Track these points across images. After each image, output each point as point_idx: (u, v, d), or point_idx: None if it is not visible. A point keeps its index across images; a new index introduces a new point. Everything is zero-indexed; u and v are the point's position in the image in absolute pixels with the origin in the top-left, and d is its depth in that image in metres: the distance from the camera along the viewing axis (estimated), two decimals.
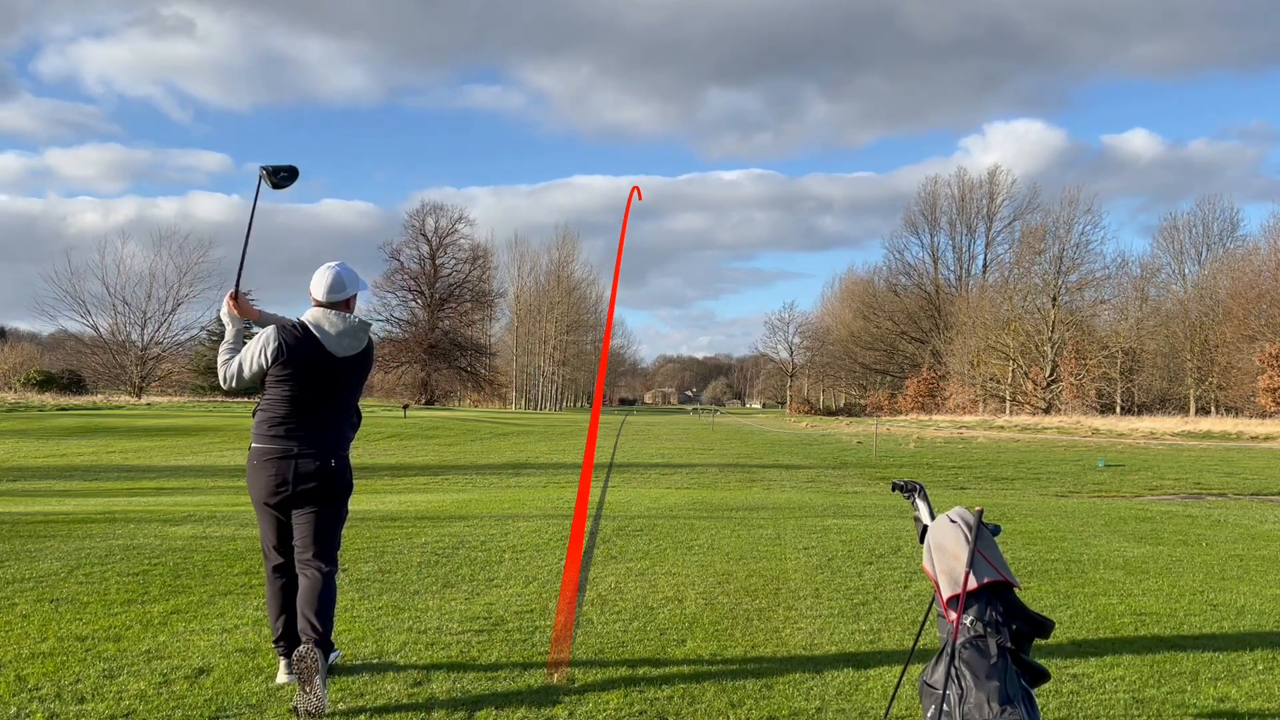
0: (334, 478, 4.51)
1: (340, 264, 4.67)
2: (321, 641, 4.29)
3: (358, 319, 4.59)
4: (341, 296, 4.59)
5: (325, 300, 4.57)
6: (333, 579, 4.51)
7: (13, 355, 79.31)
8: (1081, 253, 74.98)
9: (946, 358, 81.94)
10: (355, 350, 4.57)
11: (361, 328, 4.59)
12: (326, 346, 4.49)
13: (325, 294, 4.57)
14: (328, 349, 4.49)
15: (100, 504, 12.85)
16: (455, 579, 6.90)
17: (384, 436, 36.38)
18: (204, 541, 8.37)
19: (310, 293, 4.61)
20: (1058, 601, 6.55)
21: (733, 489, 18.47)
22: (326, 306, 4.57)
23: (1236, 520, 12.18)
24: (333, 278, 4.59)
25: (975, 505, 4.00)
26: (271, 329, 4.53)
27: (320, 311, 4.55)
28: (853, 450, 34.63)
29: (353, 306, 4.70)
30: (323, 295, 4.57)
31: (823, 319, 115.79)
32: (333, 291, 4.57)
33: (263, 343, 4.48)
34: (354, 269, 4.71)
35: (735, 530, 9.72)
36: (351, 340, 4.55)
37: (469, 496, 15.09)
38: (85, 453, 26.77)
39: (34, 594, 6.11)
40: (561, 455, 29.58)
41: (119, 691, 4.26)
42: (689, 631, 5.55)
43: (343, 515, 4.66)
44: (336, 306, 4.58)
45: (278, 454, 4.46)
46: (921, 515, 4.08)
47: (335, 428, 4.59)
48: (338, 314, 4.55)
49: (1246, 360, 60.73)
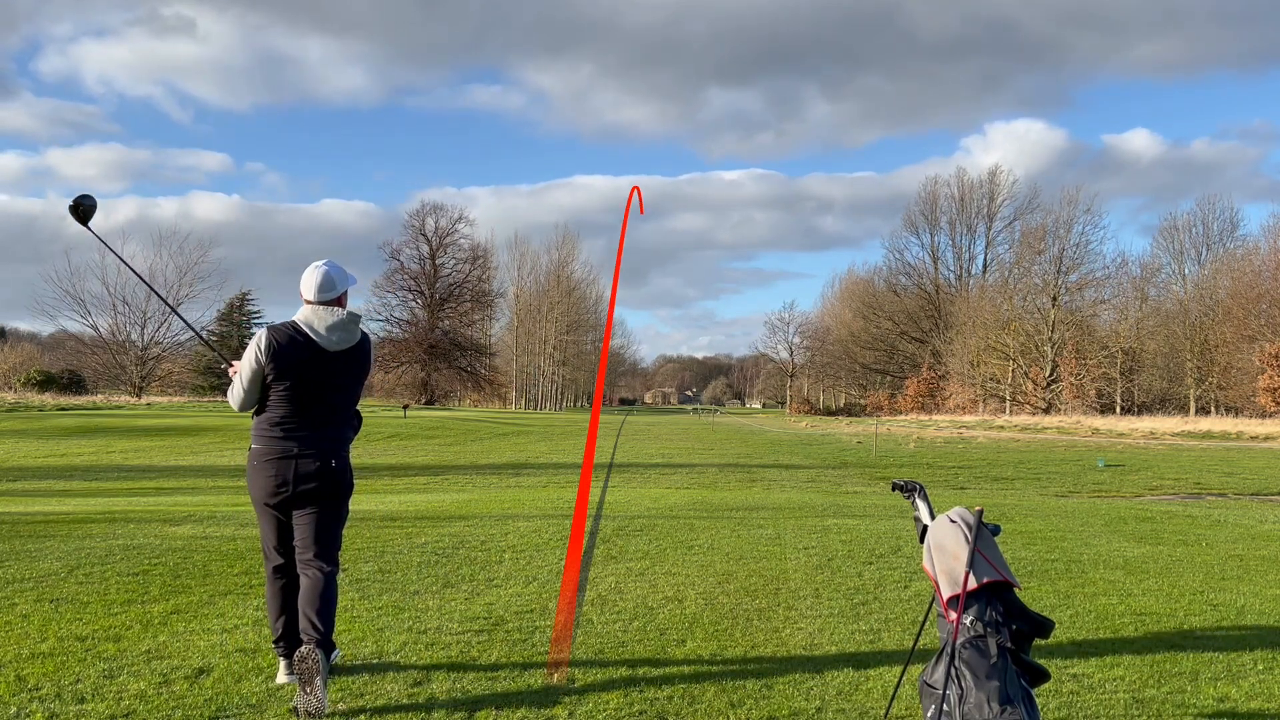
0: (334, 478, 4.51)
1: (328, 262, 4.67)
2: (323, 642, 4.29)
3: (348, 313, 4.59)
4: (332, 295, 4.59)
5: (316, 299, 4.57)
6: (334, 579, 4.51)
7: (13, 355, 79.26)
8: (1081, 253, 75.09)
9: (946, 358, 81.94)
10: (348, 344, 4.55)
11: (352, 321, 4.57)
12: (318, 343, 4.49)
13: (315, 293, 4.57)
14: (319, 345, 4.49)
15: (100, 504, 12.85)
16: (455, 579, 6.90)
17: (384, 436, 36.37)
18: (204, 541, 8.37)
19: (301, 293, 4.60)
20: (1058, 601, 6.55)
21: (733, 489, 18.47)
22: (317, 304, 4.57)
23: (1236, 520, 12.18)
24: (322, 276, 4.58)
25: (975, 505, 4.00)
26: (261, 330, 4.56)
27: (310, 309, 4.55)
28: (853, 450, 34.62)
29: (344, 304, 4.70)
30: (313, 294, 4.57)
31: (823, 319, 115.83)
32: (323, 290, 4.57)
33: (254, 344, 4.50)
34: (342, 266, 4.71)
35: (735, 530, 9.72)
36: (343, 334, 4.53)
37: (469, 496, 15.09)
38: (85, 453, 26.78)
39: (34, 594, 6.11)
40: (561, 455, 29.58)
41: (119, 691, 4.25)
42: (689, 631, 5.55)
43: (343, 515, 4.65)
44: (327, 304, 4.59)
45: (278, 454, 4.46)
46: (921, 515, 4.08)
47: (335, 427, 4.58)
48: (327, 309, 4.55)
49: (1246, 360, 60.73)
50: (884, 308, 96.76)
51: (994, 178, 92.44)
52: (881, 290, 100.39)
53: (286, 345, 4.45)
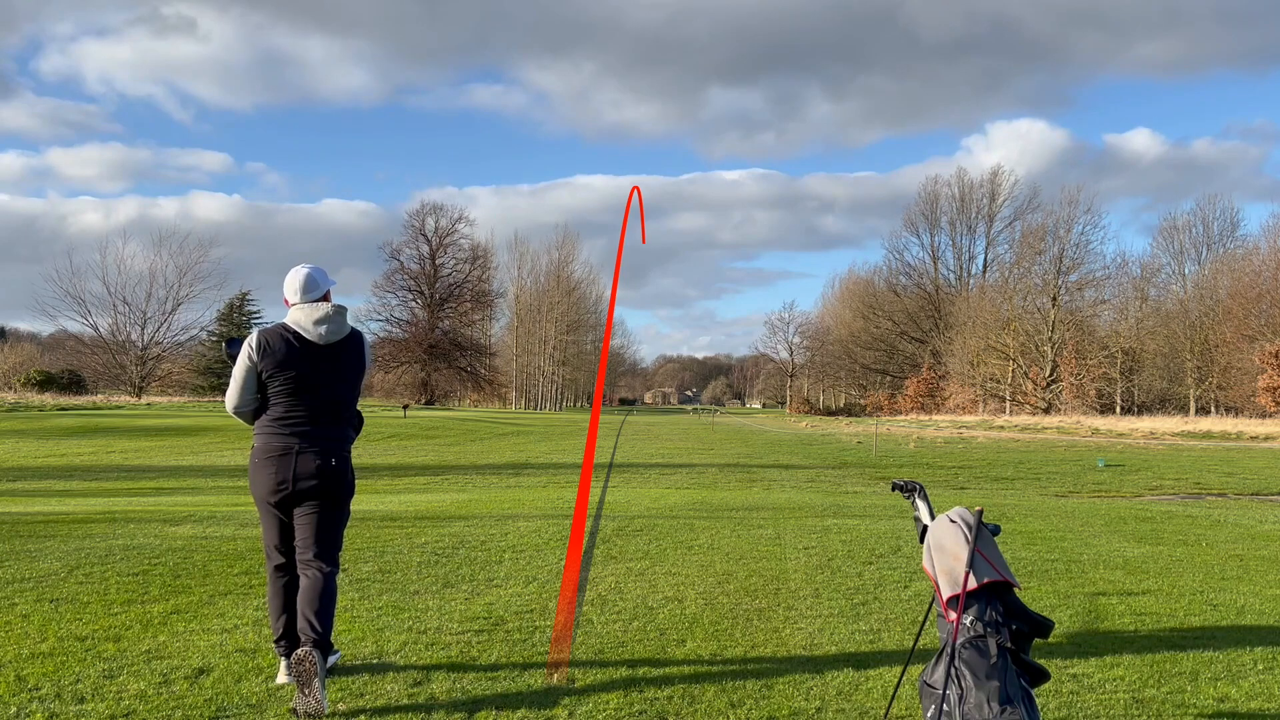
0: (335, 476, 4.51)
1: (310, 266, 4.71)
2: (321, 642, 4.29)
3: (333, 305, 4.60)
4: (317, 294, 4.62)
5: (300, 299, 4.59)
6: (334, 580, 4.51)
7: (13, 355, 79.33)
8: (1081, 253, 75.14)
9: (946, 358, 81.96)
10: (337, 336, 4.55)
11: (338, 313, 4.57)
12: (307, 337, 4.51)
13: (300, 293, 4.59)
14: (309, 339, 4.51)
15: (100, 504, 12.85)
16: (455, 579, 6.90)
17: (384, 436, 36.38)
18: (204, 541, 8.37)
19: (285, 299, 4.64)
20: (1058, 601, 6.55)
21: (733, 489, 18.47)
22: (302, 304, 4.59)
23: (1236, 520, 12.18)
24: (304, 277, 4.62)
25: (975, 505, 4.00)
26: (252, 332, 4.62)
27: (296, 309, 4.58)
28: (853, 450, 34.63)
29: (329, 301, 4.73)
30: (297, 295, 4.59)
31: (823, 319, 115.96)
32: (306, 290, 4.60)
33: (245, 344, 4.53)
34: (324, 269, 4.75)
35: (735, 530, 9.72)
36: (330, 326, 4.53)
37: (469, 496, 15.09)
38: (85, 453, 26.78)
39: (34, 594, 6.11)
40: (561, 455, 29.58)
41: (119, 691, 4.25)
42: (689, 631, 5.55)
43: (344, 515, 4.64)
44: (313, 303, 4.61)
45: (278, 451, 4.47)
46: (921, 515, 4.08)
47: (335, 425, 4.58)
48: (312, 306, 4.57)
49: (1246, 360, 60.73)
50: (884, 308, 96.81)
51: (994, 178, 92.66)
52: (881, 290, 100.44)
53: (277, 342, 4.48)
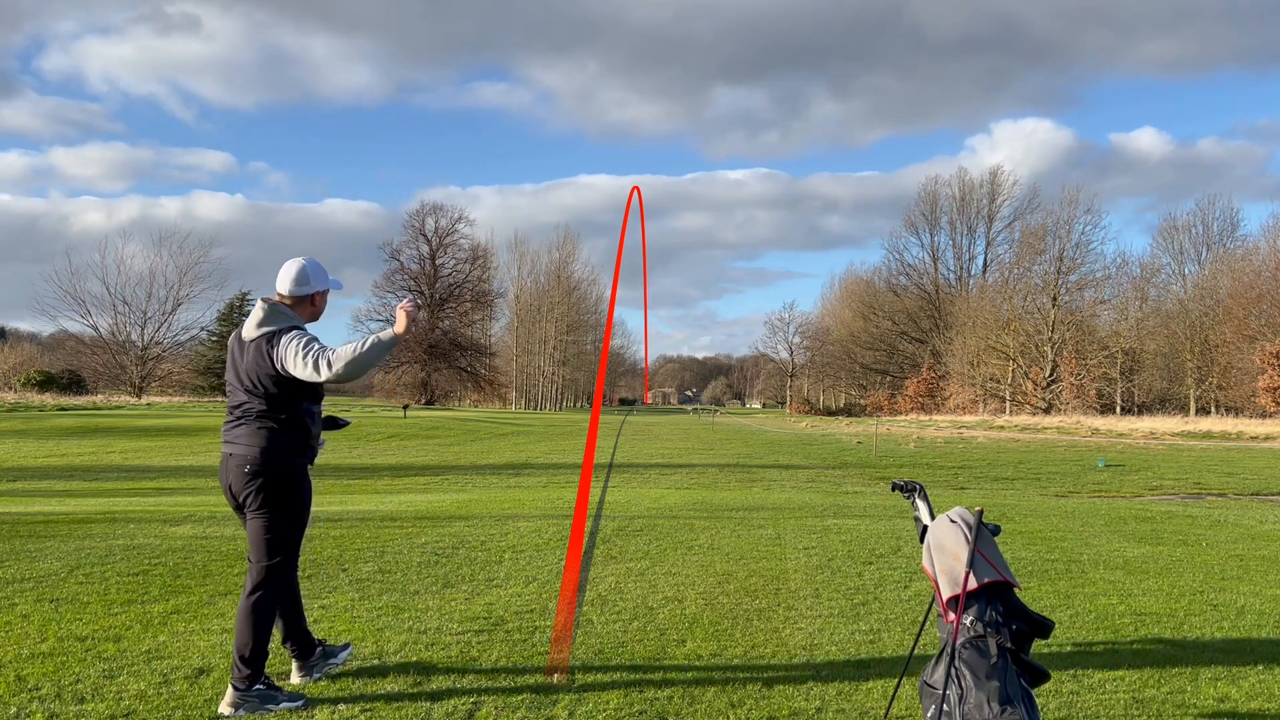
0: (255, 479, 4.20)
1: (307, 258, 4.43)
2: (241, 680, 4.07)
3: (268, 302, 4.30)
4: (305, 290, 4.39)
5: (287, 293, 4.36)
6: (256, 599, 4.20)
7: (13, 355, 79.33)
8: (1082, 253, 75.09)
9: (946, 358, 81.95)
10: (256, 334, 4.23)
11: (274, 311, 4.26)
12: (242, 335, 4.31)
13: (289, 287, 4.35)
14: (243, 338, 4.30)
15: (100, 504, 12.85)
16: (455, 579, 6.90)
17: (384, 436, 36.35)
18: (204, 541, 8.37)
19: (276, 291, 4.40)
20: (1058, 601, 6.55)
21: (733, 489, 18.47)
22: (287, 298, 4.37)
23: (1236, 520, 12.18)
24: (296, 270, 4.37)
25: (975, 505, 4.00)
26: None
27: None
28: (853, 450, 34.62)
29: (318, 303, 4.47)
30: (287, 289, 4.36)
31: (823, 319, 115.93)
32: (298, 284, 4.36)
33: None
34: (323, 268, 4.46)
35: (735, 530, 9.72)
36: (255, 322, 4.24)
37: (469, 496, 15.09)
38: (85, 453, 26.77)
39: (34, 594, 6.11)
40: (561, 455, 29.58)
41: (119, 691, 4.25)
42: (689, 631, 5.55)
43: (274, 524, 4.24)
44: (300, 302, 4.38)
45: (223, 455, 4.36)
46: (921, 515, 4.08)
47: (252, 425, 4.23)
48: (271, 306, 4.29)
49: (1246, 360, 60.72)
50: (884, 308, 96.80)
51: (994, 177, 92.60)
52: (881, 290, 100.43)
53: (231, 339, 4.40)
